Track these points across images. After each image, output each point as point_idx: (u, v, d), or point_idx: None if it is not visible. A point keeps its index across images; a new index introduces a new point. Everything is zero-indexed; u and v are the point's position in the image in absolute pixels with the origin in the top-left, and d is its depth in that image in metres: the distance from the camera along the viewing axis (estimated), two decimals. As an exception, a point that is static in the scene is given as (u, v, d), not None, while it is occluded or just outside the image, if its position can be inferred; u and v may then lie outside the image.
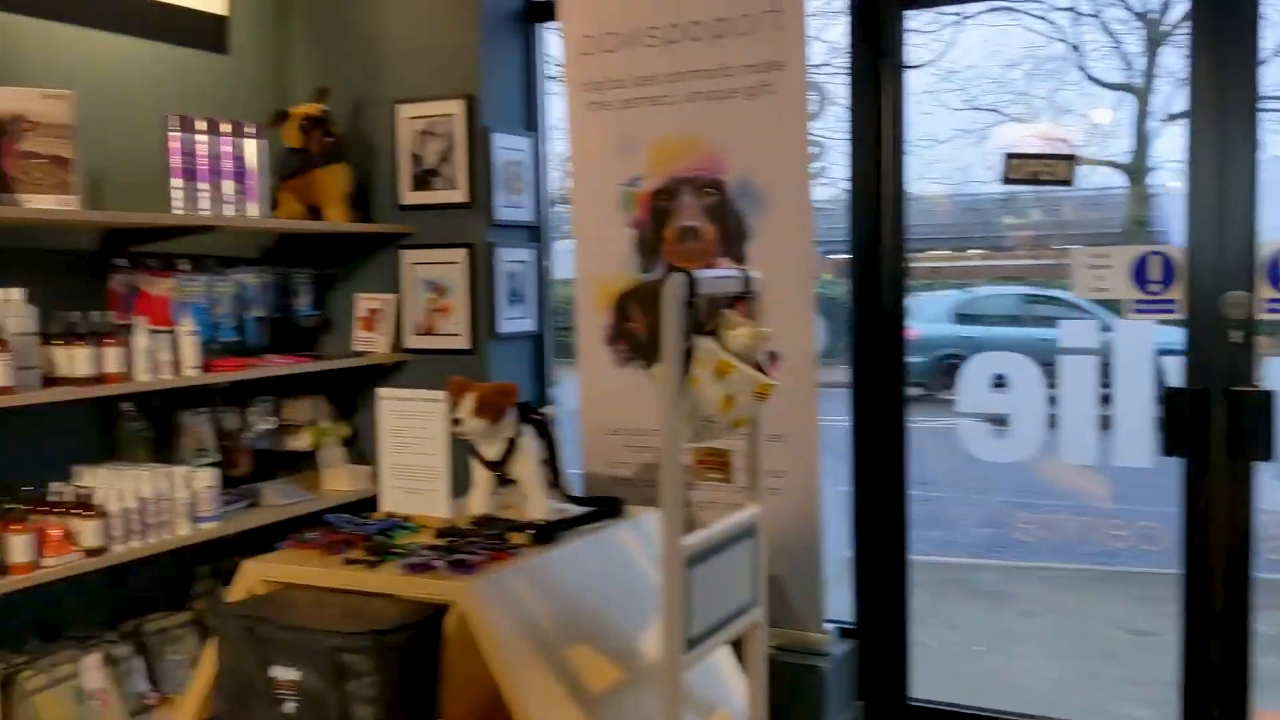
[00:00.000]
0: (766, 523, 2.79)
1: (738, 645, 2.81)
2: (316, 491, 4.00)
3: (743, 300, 2.66)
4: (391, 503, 2.86)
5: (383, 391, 2.90)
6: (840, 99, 3.95)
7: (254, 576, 2.49)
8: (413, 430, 2.86)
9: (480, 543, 2.51)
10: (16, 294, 3.07)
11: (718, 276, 2.56)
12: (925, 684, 3.89)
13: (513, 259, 4.19)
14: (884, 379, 3.79)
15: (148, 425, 3.71)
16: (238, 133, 3.64)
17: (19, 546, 2.96)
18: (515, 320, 4.21)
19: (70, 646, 3.33)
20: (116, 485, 3.27)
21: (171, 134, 3.47)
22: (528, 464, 2.83)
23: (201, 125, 3.54)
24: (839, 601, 3.87)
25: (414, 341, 4.20)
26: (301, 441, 4.12)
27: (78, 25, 3.57)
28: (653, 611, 2.81)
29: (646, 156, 3.85)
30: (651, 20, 3.78)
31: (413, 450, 2.85)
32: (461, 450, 2.89)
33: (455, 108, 4.07)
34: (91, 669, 3.26)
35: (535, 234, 4.34)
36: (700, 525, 2.56)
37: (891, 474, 3.81)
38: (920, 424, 3.87)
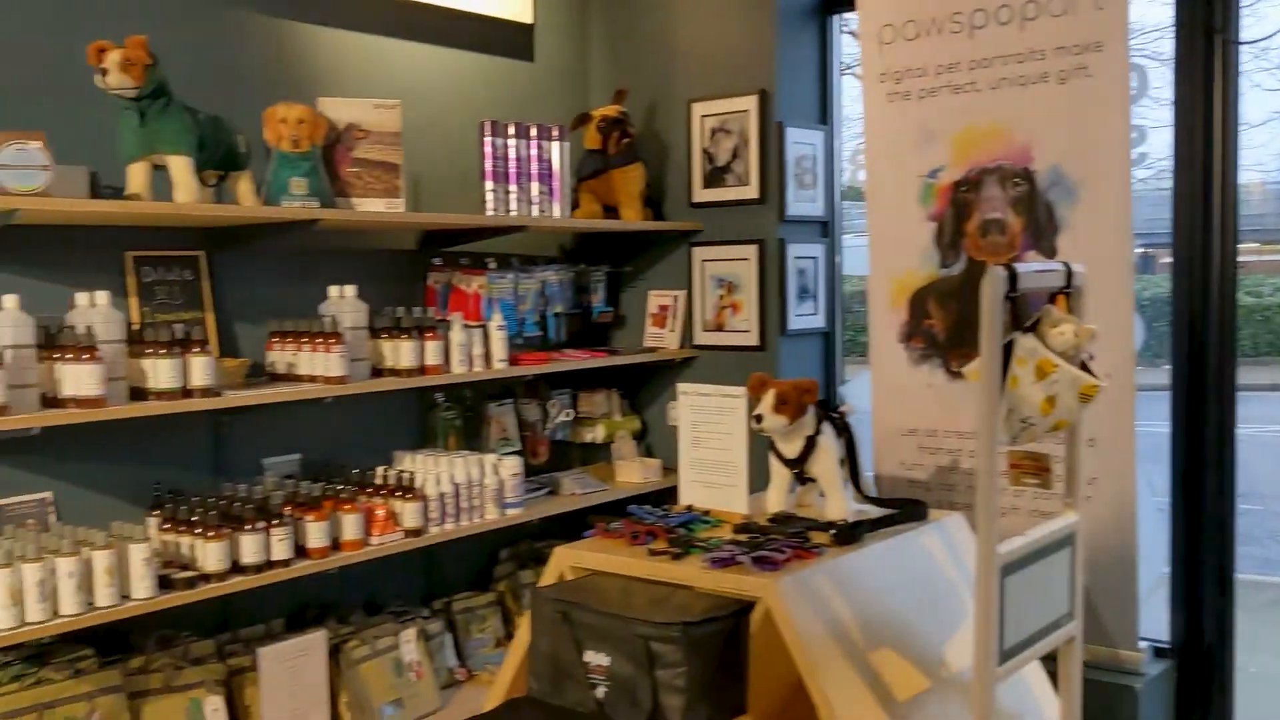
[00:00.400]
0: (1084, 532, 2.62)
1: (1049, 660, 2.66)
2: (611, 483, 4.10)
3: (1064, 296, 2.50)
4: (690, 496, 2.89)
5: (683, 386, 2.93)
6: (1158, 80, 3.68)
7: (565, 562, 2.58)
8: (711, 425, 2.87)
9: (782, 541, 2.49)
10: (350, 291, 3.31)
11: (1038, 270, 2.42)
12: (1249, 713, 3.57)
13: (803, 254, 4.15)
14: (1211, 381, 3.50)
15: (458, 414, 3.92)
16: (544, 136, 3.78)
17: (350, 525, 3.19)
18: (805, 316, 4.17)
19: (389, 620, 3.56)
20: (433, 470, 3.47)
21: (484, 139, 3.64)
22: (827, 462, 2.78)
23: (511, 130, 3.70)
24: (1154, 619, 3.61)
25: (703, 338, 4.24)
26: (595, 434, 4.24)
27: (402, 39, 3.81)
28: (959, 620, 2.71)
29: (948, 147, 3.72)
30: (956, 5, 3.65)
31: (711, 445, 2.87)
32: (759, 446, 2.88)
33: (749, 104, 4.07)
34: (408, 642, 3.47)
35: (825, 229, 4.29)
36: (1009, 533, 2.44)
37: (1217, 483, 3.52)
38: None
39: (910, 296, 3.81)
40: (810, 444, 2.78)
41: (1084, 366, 2.40)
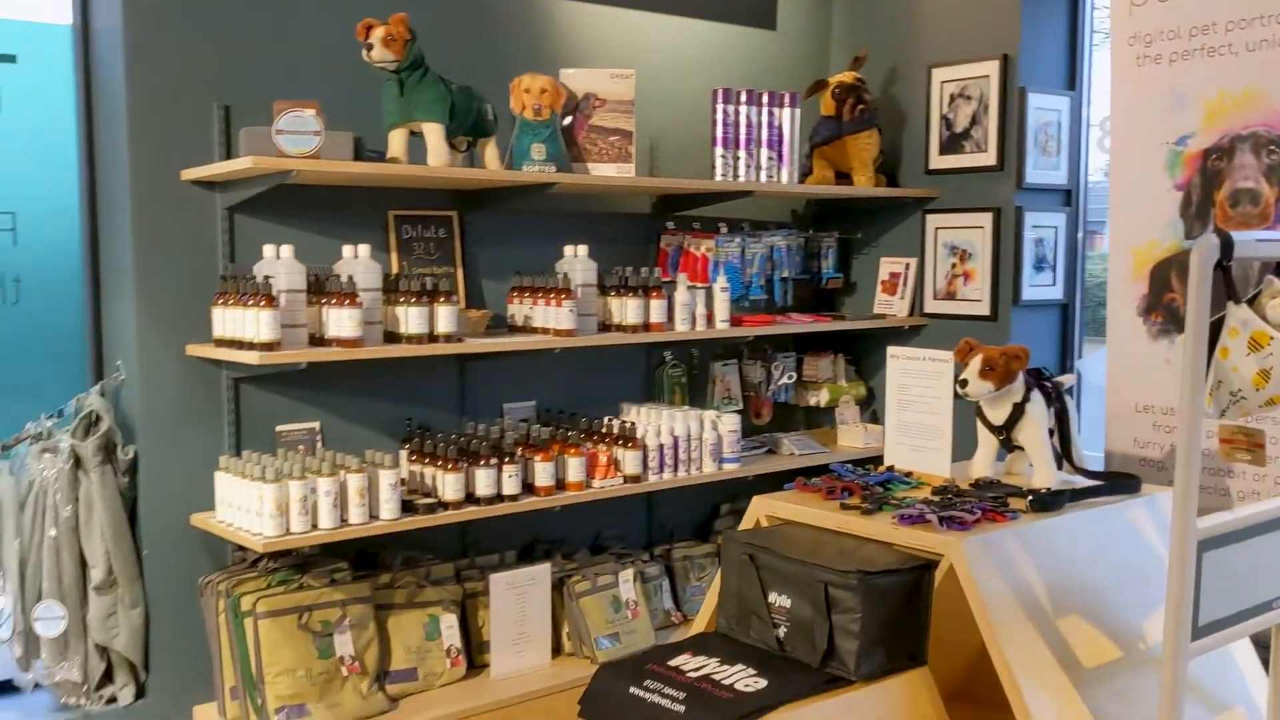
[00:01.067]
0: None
1: (1268, 645, 2.55)
2: (832, 447, 4.17)
3: (1293, 267, 2.39)
4: (894, 458, 2.93)
5: (893, 350, 2.97)
6: None
7: (761, 510, 2.70)
8: (919, 389, 2.90)
9: (977, 503, 2.51)
10: (583, 250, 3.53)
11: (1260, 240, 2.32)
12: None
13: (1042, 224, 4.06)
14: None
15: (685, 372, 4.10)
16: (775, 103, 3.87)
17: (574, 467, 3.42)
18: (1041, 288, 4.08)
19: (611, 560, 3.79)
20: (655, 423, 3.66)
21: (716, 105, 3.78)
22: (1034, 430, 2.75)
23: (743, 97, 3.82)
24: None
25: (934, 306, 4.23)
26: (820, 397, 4.32)
27: (640, 10, 3.99)
28: (1162, 596, 2.64)
29: (1199, 113, 3.54)
30: (1214, -37, 3.46)
31: (918, 409, 2.90)
32: (968, 412, 2.89)
33: (990, 69, 4.01)
34: (627, 582, 3.69)
35: (1069, 198, 4.17)
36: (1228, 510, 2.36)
37: None
38: None
39: (1152, 269, 3.66)
40: (1018, 411, 2.77)
41: (1306, 341, 2.28)
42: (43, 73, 3.19)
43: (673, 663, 2.33)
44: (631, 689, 2.25)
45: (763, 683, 2.22)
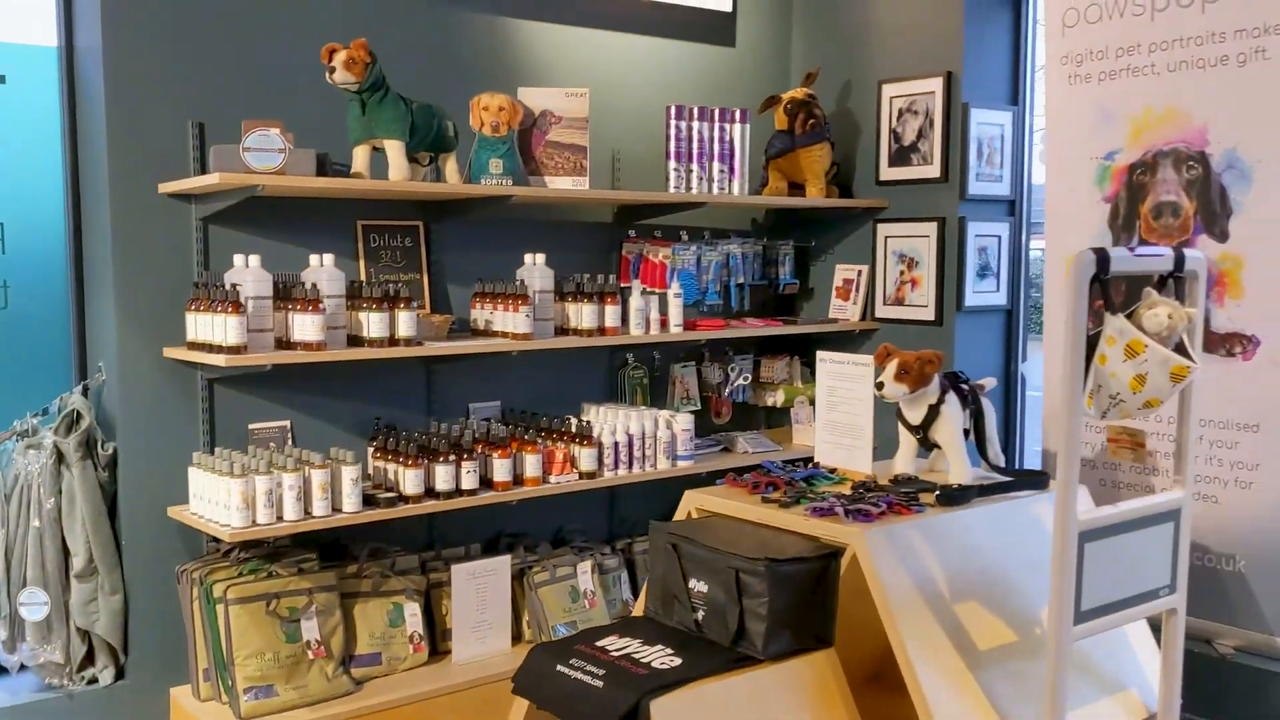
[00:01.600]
0: (1225, 514, 2.68)
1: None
2: (786, 445, 4.36)
3: (1177, 280, 2.58)
4: (823, 455, 3.12)
5: (821, 354, 3.16)
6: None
7: (692, 504, 2.89)
8: (845, 391, 3.09)
9: (885, 497, 2.70)
10: (540, 258, 3.73)
11: (1139, 254, 2.51)
12: None
13: (985, 233, 4.25)
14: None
15: (646, 374, 4.30)
16: (726, 119, 4.07)
17: (531, 464, 3.62)
18: (984, 294, 4.27)
19: (570, 554, 3.99)
20: (611, 421, 3.86)
21: (669, 122, 3.98)
22: (948, 430, 2.95)
23: (695, 113, 4.01)
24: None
25: (884, 311, 4.42)
26: (776, 398, 4.51)
27: (607, 30, 4.19)
28: (1061, 585, 2.83)
29: (1125, 129, 3.73)
30: (1139, -13, 3.65)
31: (844, 409, 3.09)
32: (891, 412, 3.08)
33: (935, 85, 4.21)
34: (585, 573, 3.89)
35: (1012, 208, 4.36)
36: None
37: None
38: None
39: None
40: (933, 412, 2.96)
41: (1180, 348, 2.48)
42: (30, 92, 3.40)
43: (599, 643, 2.53)
44: (559, 667, 2.45)
45: (678, 661, 2.41)
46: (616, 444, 3.81)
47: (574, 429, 3.77)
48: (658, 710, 2.23)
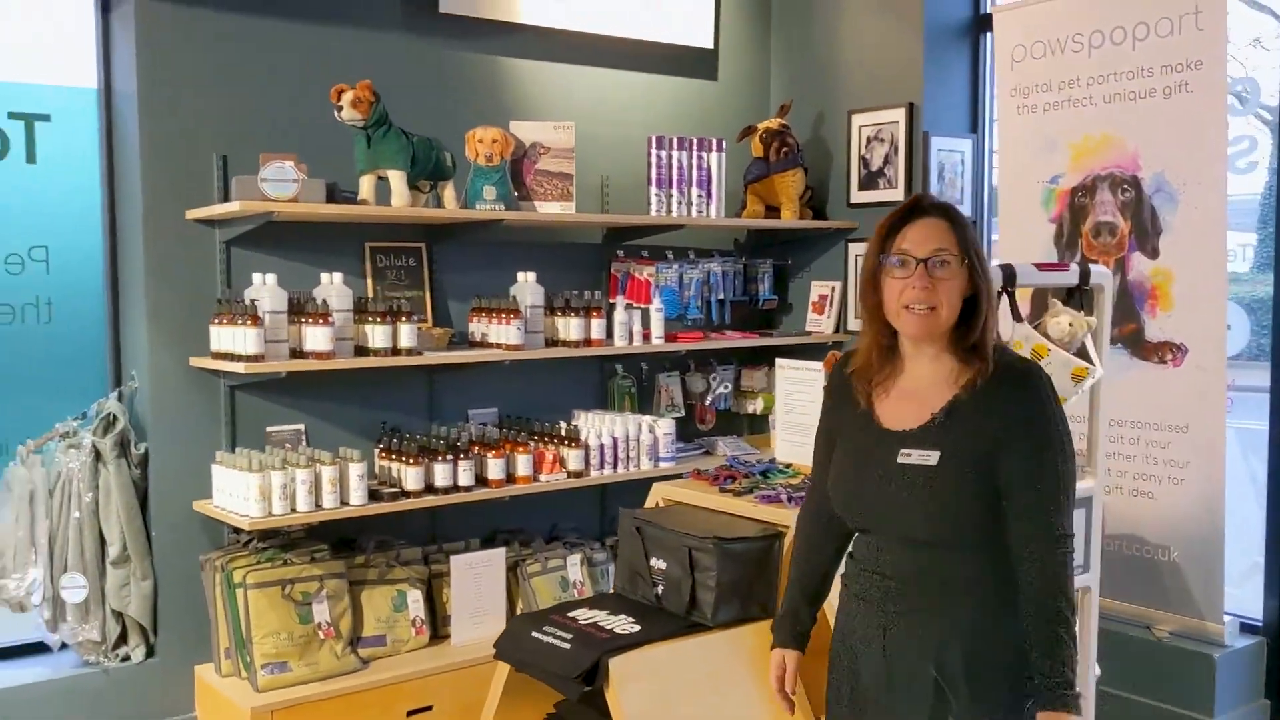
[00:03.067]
0: (1169, 508, 2.97)
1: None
2: (764, 449, 4.69)
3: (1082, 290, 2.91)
4: (781, 453, 3.46)
5: (780, 361, 3.51)
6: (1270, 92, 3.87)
7: (660, 494, 3.24)
8: (799, 394, 3.43)
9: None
10: (531, 276, 4.09)
11: (1042, 269, 2.85)
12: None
13: (947, 252, 4.57)
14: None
15: (633, 383, 4.65)
16: (703, 148, 4.43)
17: (521, 463, 3.97)
18: (947, 308, 4.59)
19: (562, 548, 4.33)
20: (597, 426, 4.21)
21: (650, 151, 4.34)
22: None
23: (674, 143, 4.38)
24: (1253, 602, 3.84)
25: (855, 324, 4.75)
26: (756, 405, 4.85)
27: (598, 67, 4.56)
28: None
29: (1067, 155, 4.07)
30: (1078, 27, 4.00)
31: (799, 411, 3.43)
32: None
33: (899, 115, 4.55)
34: (575, 565, 4.22)
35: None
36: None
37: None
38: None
39: (1033, 291, 4.18)
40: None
41: (1082, 352, 2.81)
42: (72, 129, 3.80)
43: (571, 614, 2.88)
44: (533, 632, 2.80)
45: (637, 628, 2.75)
46: (602, 446, 4.15)
47: (563, 432, 4.11)
48: (615, 666, 2.57)
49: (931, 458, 2.01)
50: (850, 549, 2.23)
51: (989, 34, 4.64)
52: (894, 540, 2.08)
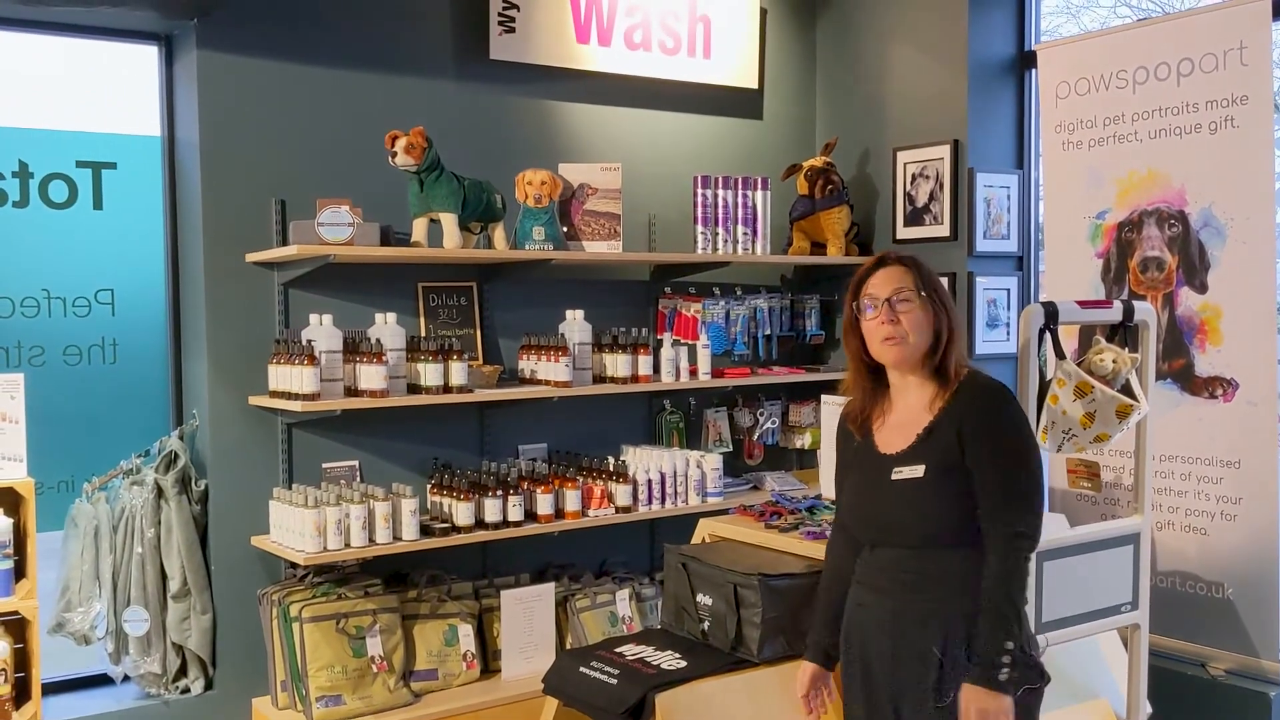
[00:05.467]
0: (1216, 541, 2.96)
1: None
2: (811, 484, 4.70)
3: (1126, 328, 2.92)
4: (827, 489, 3.47)
5: (826, 397, 3.53)
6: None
7: (706, 530, 3.28)
8: (845, 430, 3.46)
9: (874, 523, 3.06)
10: (579, 314, 4.16)
11: (1085, 306, 2.86)
12: None
13: (993, 286, 4.59)
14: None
15: (681, 418, 4.69)
16: (748, 186, 4.49)
17: (571, 499, 4.03)
18: (994, 343, 4.60)
19: (611, 583, 4.37)
20: (645, 461, 4.25)
21: (696, 190, 4.41)
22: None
23: (719, 182, 4.44)
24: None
25: (902, 359, 4.75)
26: (804, 440, 4.87)
27: (635, 108, 4.64)
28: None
29: (1113, 191, 4.08)
30: (1122, 64, 4.01)
31: (845, 447, 3.45)
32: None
33: (944, 152, 4.57)
34: (624, 600, 4.26)
35: (1020, 263, 4.69)
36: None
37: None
38: None
39: (1080, 327, 4.18)
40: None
41: (1127, 389, 2.81)
42: (137, 176, 3.94)
43: (618, 650, 2.91)
44: (581, 668, 2.83)
45: (683, 663, 2.78)
46: (650, 481, 4.20)
47: (611, 467, 4.16)
48: (661, 702, 2.60)
49: (919, 471, 2.36)
50: (862, 555, 2.52)
51: (1033, 70, 4.66)
52: (898, 545, 2.41)
